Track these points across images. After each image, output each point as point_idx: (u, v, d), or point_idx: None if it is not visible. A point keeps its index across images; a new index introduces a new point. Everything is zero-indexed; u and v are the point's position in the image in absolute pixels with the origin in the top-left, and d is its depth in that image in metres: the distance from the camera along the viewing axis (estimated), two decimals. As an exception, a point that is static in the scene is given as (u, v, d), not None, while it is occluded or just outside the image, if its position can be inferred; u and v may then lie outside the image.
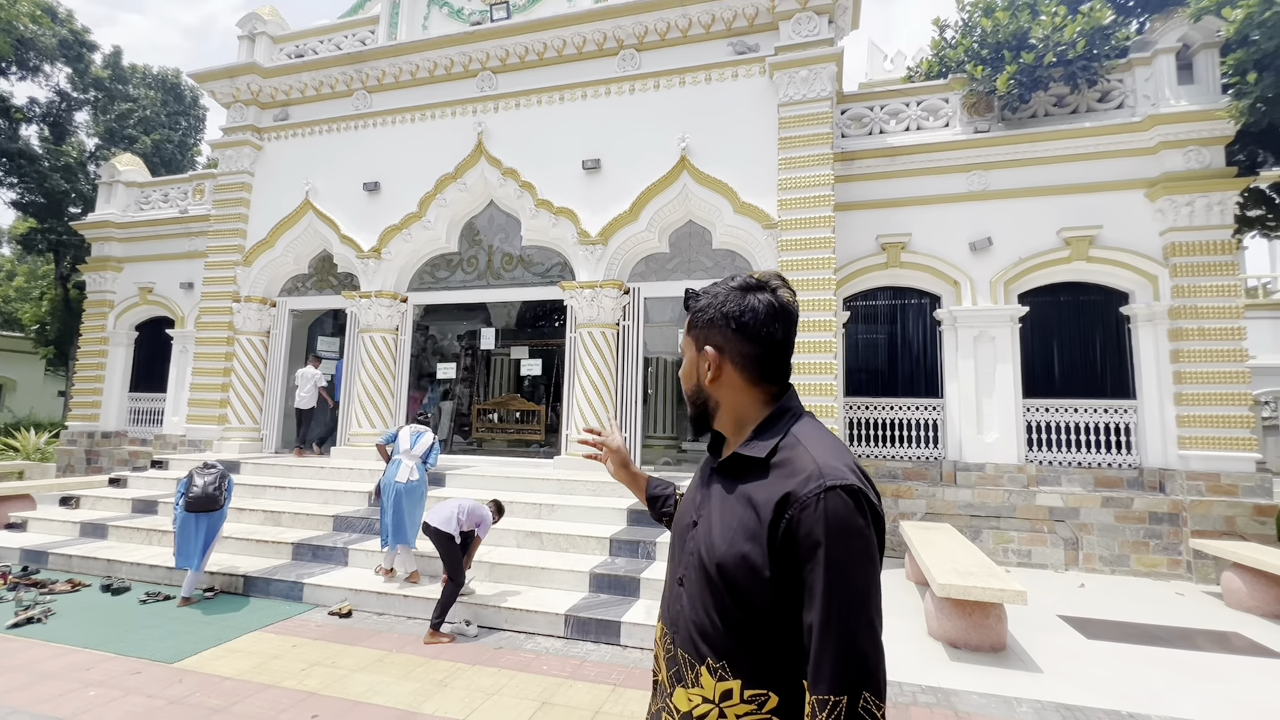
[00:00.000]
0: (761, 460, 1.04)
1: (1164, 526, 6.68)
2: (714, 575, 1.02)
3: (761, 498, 1.00)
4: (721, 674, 1.00)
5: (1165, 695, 3.69)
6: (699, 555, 1.07)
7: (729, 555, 1.00)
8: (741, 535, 1.00)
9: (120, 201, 11.54)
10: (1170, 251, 6.94)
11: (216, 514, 5.12)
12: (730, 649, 1.00)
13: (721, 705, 1.00)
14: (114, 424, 11.18)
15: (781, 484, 0.99)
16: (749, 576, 0.98)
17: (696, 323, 1.16)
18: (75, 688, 3.53)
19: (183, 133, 23.94)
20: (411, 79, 9.02)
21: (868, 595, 0.91)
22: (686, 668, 1.05)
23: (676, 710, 1.06)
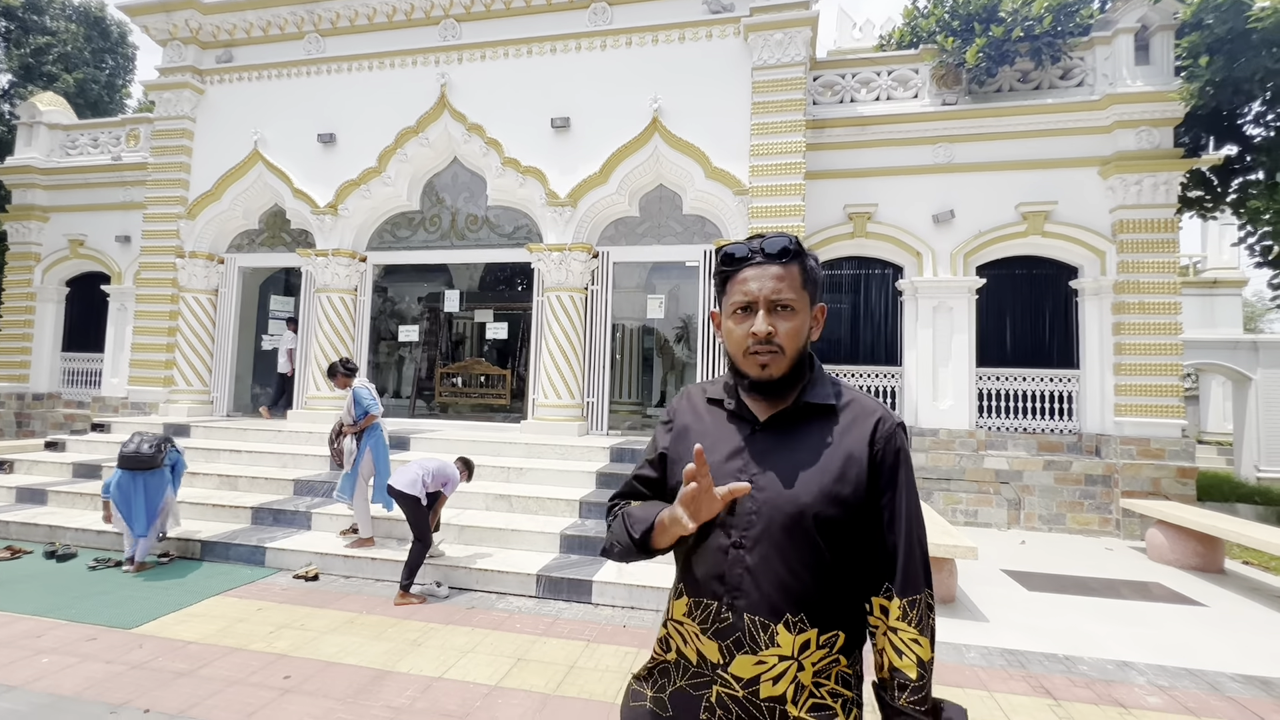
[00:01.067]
0: (832, 406, 1.13)
1: (1098, 488, 7.16)
2: (806, 522, 1.04)
3: (849, 439, 1.09)
4: (800, 626, 1.03)
5: (1097, 639, 4.02)
6: (775, 510, 1.06)
7: (820, 499, 1.05)
8: (830, 477, 1.06)
9: (43, 145, 10.63)
10: (1118, 228, 7.26)
11: (153, 474, 4.87)
12: (811, 598, 1.04)
13: (800, 658, 1.03)
14: (45, 385, 10.53)
15: (859, 424, 1.11)
16: (843, 515, 1.05)
17: (812, 278, 1.16)
18: (26, 655, 3.40)
19: (109, 72, 22.07)
20: (369, 23, 8.50)
21: (922, 511, 1.12)
22: (757, 630, 1.04)
23: (735, 680, 1.05)
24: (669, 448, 1.24)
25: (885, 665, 1.07)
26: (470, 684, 3.20)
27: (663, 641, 1.17)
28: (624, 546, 1.19)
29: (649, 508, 1.17)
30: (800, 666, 1.03)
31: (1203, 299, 16.00)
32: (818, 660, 1.04)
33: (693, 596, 1.12)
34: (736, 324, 1.14)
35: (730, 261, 1.17)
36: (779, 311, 1.12)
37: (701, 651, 1.09)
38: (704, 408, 1.23)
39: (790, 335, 1.11)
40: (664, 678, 1.15)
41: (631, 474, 1.28)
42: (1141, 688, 3.36)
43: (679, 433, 1.23)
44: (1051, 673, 3.51)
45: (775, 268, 1.12)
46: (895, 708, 1.05)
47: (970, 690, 3.26)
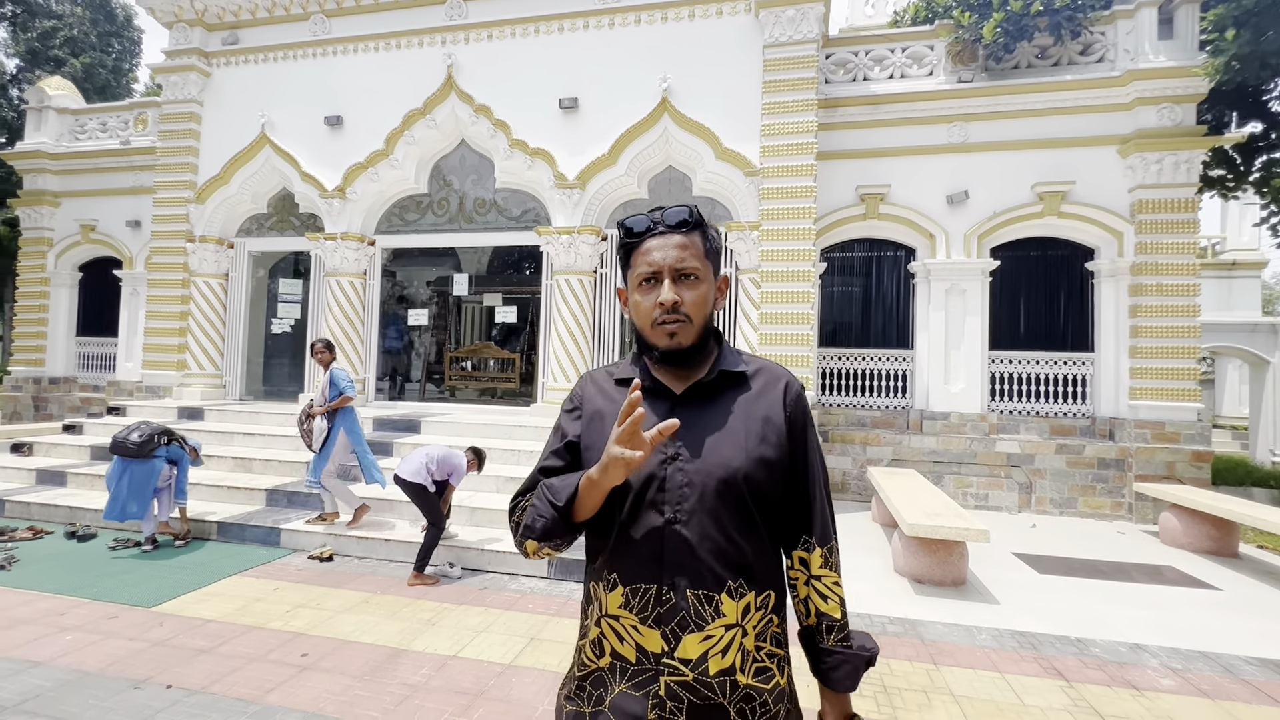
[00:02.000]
0: (744, 374, 1.16)
1: (1110, 471, 7.10)
2: (737, 487, 1.06)
3: (764, 403, 1.14)
4: (740, 591, 1.05)
5: (1109, 621, 4.01)
6: (704, 479, 1.06)
7: (749, 462, 1.07)
8: (756, 440, 1.09)
9: (52, 130, 10.64)
10: (1137, 209, 7.12)
11: (140, 463, 4.88)
12: (747, 561, 1.06)
13: (743, 623, 1.04)
14: (61, 369, 10.66)
15: (772, 388, 1.15)
16: (768, 477, 1.09)
17: (714, 247, 1.17)
18: (51, 632, 3.47)
19: (116, 56, 22.03)
20: (375, 3, 8.39)
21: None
22: (702, 605, 1.03)
23: (684, 663, 1.01)
24: (581, 435, 1.18)
25: (812, 612, 1.13)
26: (485, 662, 3.24)
27: (595, 644, 1.10)
28: (547, 518, 1.09)
29: (568, 476, 1.11)
30: (744, 632, 1.04)
31: (1221, 281, 15.74)
32: (757, 622, 1.07)
33: (628, 585, 1.07)
34: (643, 296, 1.13)
35: (631, 234, 1.16)
36: (684, 280, 1.11)
37: (641, 645, 1.04)
38: (613, 390, 1.19)
39: (696, 303, 1.11)
40: (600, 688, 1.08)
41: (535, 469, 1.21)
42: (1155, 670, 3.35)
43: (591, 418, 1.18)
44: (1064, 655, 3.51)
45: (677, 237, 1.12)
46: (825, 649, 1.12)
47: (981, 671, 3.27)
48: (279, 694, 2.89)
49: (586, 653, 1.12)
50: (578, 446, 1.18)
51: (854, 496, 7.64)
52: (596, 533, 1.14)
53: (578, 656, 1.15)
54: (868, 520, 6.62)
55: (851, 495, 7.65)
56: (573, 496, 1.07)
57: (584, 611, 1.18)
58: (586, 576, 1.18)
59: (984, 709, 2.91)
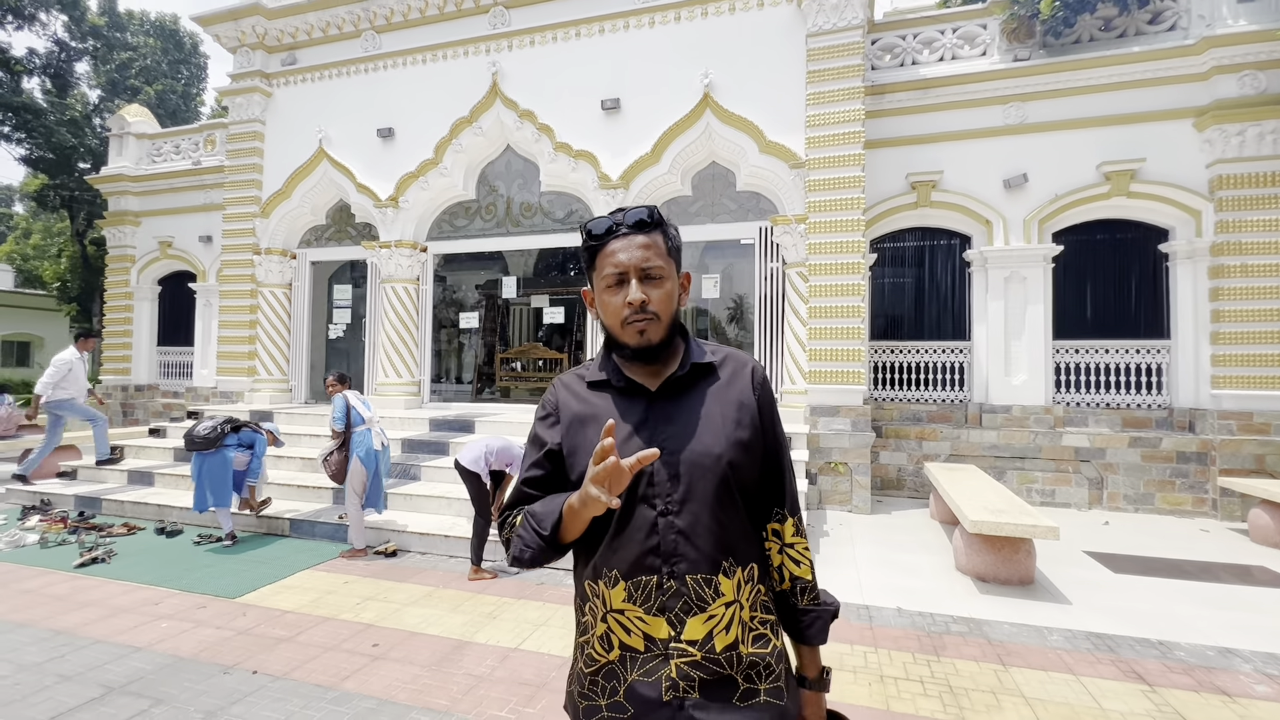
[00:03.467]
0: (713, 365, 1.21)
1: (1191, 465, 6.68)
2: (722, 471, 1.12)
3: (735, 390, 1.20)
4: (731, 569, 1.11)
5: (1193, 624, 3.78)
6: (690, 469, 1.11)
7: (730, 448, 1.13)
8: (733, 426, 1.15)
9: (132, 154, 11.43)
10: (1217, 185, 6.66)
11: (211, 455, 5.23)
12: (735, 540, 1.13)
13: (739, 598, 1.11)
14: (145, 377, 11.44)
15: (739, 375, 1.22)
16: (746, 459, 1.15)
17: (676, 245, 1.22)
18: (148, 620, 3.75)
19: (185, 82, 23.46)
20: (421, 17, 8.67)
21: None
22: (702, 588, 1.09)
23: (691, 646, 1.07)
24: (562, 441, 1.19)
25: (786, 577, 1.22)
26: (545, 655, 3.32)
27: (603, 639, 1.12)
28: (535, 548, 1.12)
29: (550, 501, 1.13)
30: (741, 606, 1.11)
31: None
32: (749, 595, 1.13)
33: (629, 579, 1.10)
34: (611, 296, 1.16)
35: (593, 236, 1.18)
36: (650, 280, 1.15)
37: (648, 634, 1.08)
38: (588, 394, 1.21)
39: (662, 301, 1.16)
40: (612, 680, 1.10)
41: (518, 482, 1.23)
42: (1248, 675, 3.15)
43: (571, 423, 1.19)
44: (1144, 657, 3.33)
45: (640, 237, 1.16)
46: (800, 609, 1.22)
47: (1054, 674, 3.14)
48: (354, 681, 3.04)
49: (594, 648, 1.13)
50: (559, 454, 1.20)
51: (910, 493, 7.43)
52: (586, 541, 1.15)
53: (582, 654, 1.16)
54: (925, 517, 6.44)
55: (908, 492, 7.44)
56: (557, 524, 1.09)
57: (580, 609, 1.20)
58: (578, 577, 1.21)
59: (1058, 712, 2.80)
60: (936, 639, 3.54)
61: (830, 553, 5.16)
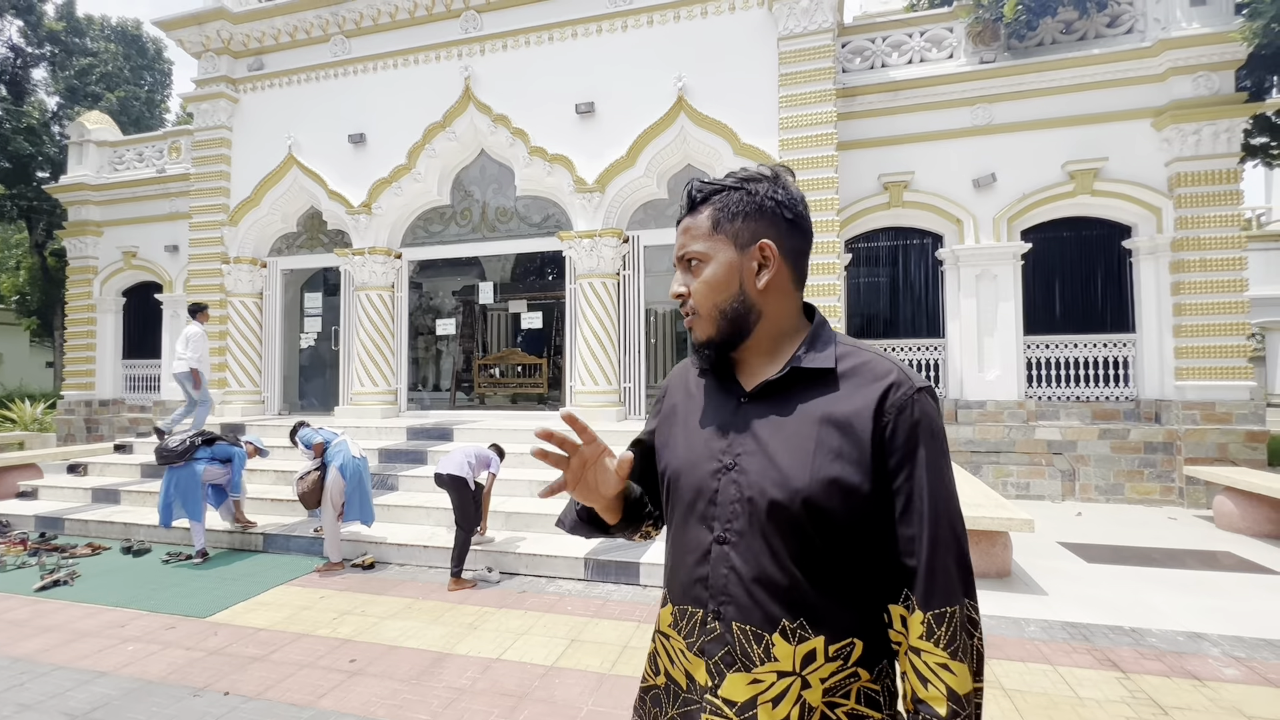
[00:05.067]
0: (829, 371, 0.92)
1: (1158, 455, 6.86)
2: (794, 512, 0.87)
3: (846, 409, 0.89)
4: (801, 634, 0.87)
5: (1164, 610, 3.87)
6: (762, 496, 0.89)
7: (815, 483, 0.87)
8: (827, 457, 0.87)
9: (93, 162, 11.10)
10: (1175, 182, 6.87)
11: (181, 468, 5.13)
12: (812, 600, 0.87)
13: (804, 673, 0.86)
14: (110, 392, 11.10)
15: (867, 390, 0.89)
16: (843, 501, 0.86)
17: (735, 214, 0.95)
18: (113, 644, 3.62)
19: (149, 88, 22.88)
20: (391, 21, 8.57)
21: (957, 497, 0.90)
22: (750, 643, 0.88)
23: (729, 704, 0.88)
24: (656, 430, 1.09)
25: (909, 694, 0.87)
26: (527, 665, 3.28)
27: (652, 659, 1.01)
28: (572, 517, 1.11)
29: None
30: (805, 684, 0.86)
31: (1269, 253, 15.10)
32: (828, 675, 0.86)
33: (676, 604, 0.97)
34: None
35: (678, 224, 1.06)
36: (691, 267, 0.98)
37: (689, 672, 0.93)
38: (694, 381, 1.07)
39: (701, 291, 0.97)
40: (656, 706, 0.98)
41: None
42: (1217, 659, 3.23)
43: (666, 414, 1.08)
44: (1118, 645, 3.40)
45: (686, 220, 1.00)
46: None
47: (1032, 664, 3.19)
48: (331, 699, 2.96)
49: (648, 665, 1.03)
50: (649, 446, 1.09)
51: (889, 490, 7.51)
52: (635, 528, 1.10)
53: (646, 664, 1.05)
54: (905, 513, 6.50)
55: (887, 488, 7.52)
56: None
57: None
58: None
59: (1037, 702, 2.84)
60: (917, 634, 3.57)
61: (812, 551, 5.18)
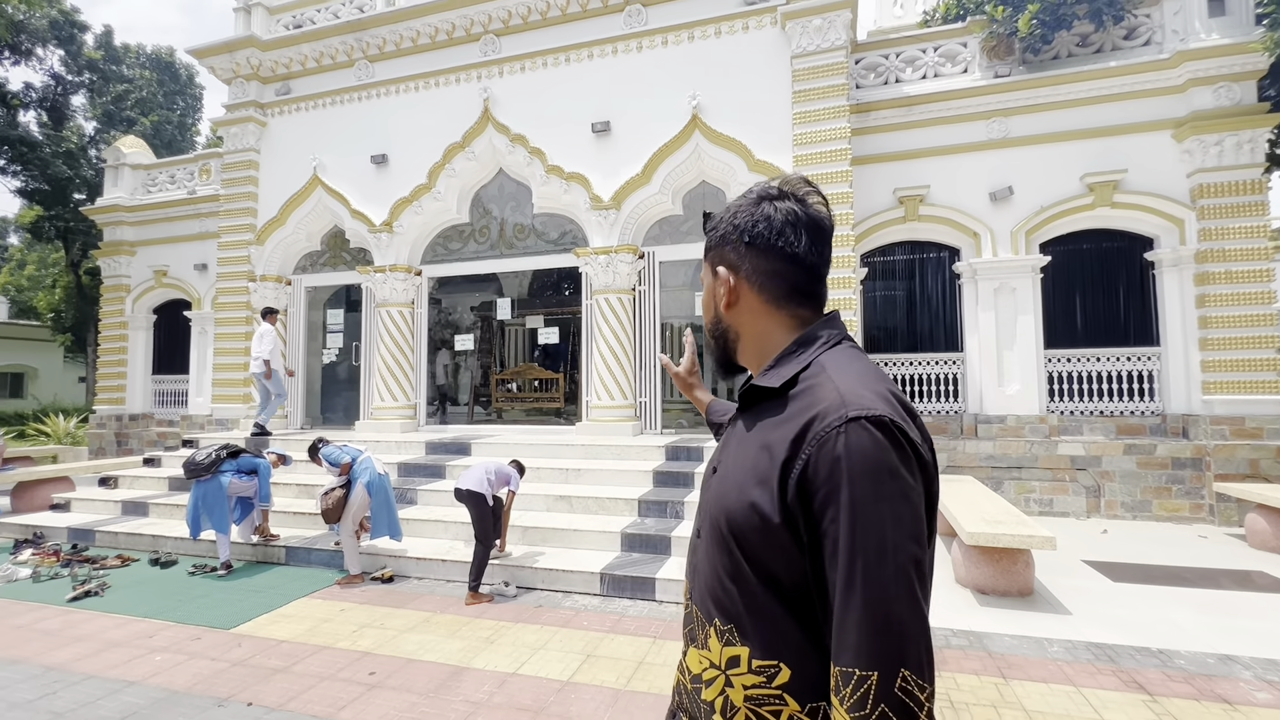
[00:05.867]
0: (777, 391, 0.90)
1: (1186, 472, 6.70)
2: (724, 528, 0.89)
3: (775, 436, 0.86)
4: (729, 638, 0.88)
5: (1192, 631, 3.78)
6: (712, 505, 0.94)
7: (738, 504, 0.87)
8: (752, 479, 0.86)
9: (127, 185, 11.51)
10: (1198, 193, 6.78)
11: (207, 481, 5.28)
12: (736, 613, 0.88)
13: (728, 673, 0.88)
14: (140, 406, 11.40)
15: (798, 418, 0.84)
16: (758, 528, 0.84)
17: (711, 243, 1.04)
18: (142, 654, 3.71)
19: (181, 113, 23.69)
20: (413, 45, 8.82)
21: (903, 548, 0.74)
22: (699, 626, 0.95)
23: (688, 670, 0.97)
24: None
25: None
26: (543, 679, 3.29)
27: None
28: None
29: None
30: (729, 682, 0.88)
31: (1299, 264, 14.71)
32: (750, 685, 0.86)
33: (685, 576, 1.07)
34: None
35: None
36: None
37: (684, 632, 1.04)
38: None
39: (704, 310, 1.07)
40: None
41: None
42: (1248, 683, 3.14)
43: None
44: (1145, 667, 3.32)
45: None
46: None
47: (1055, 685, 3.13)
48: (350, 711, 3.00)
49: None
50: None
51: (909, 505, 7.42)
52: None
53: None
54: (924, 530, 6.42)
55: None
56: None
57: None
58: None
59: (1060, 725, 2.79)
60: (937, 653, 3.53)
61: (829, 568, 5.14)
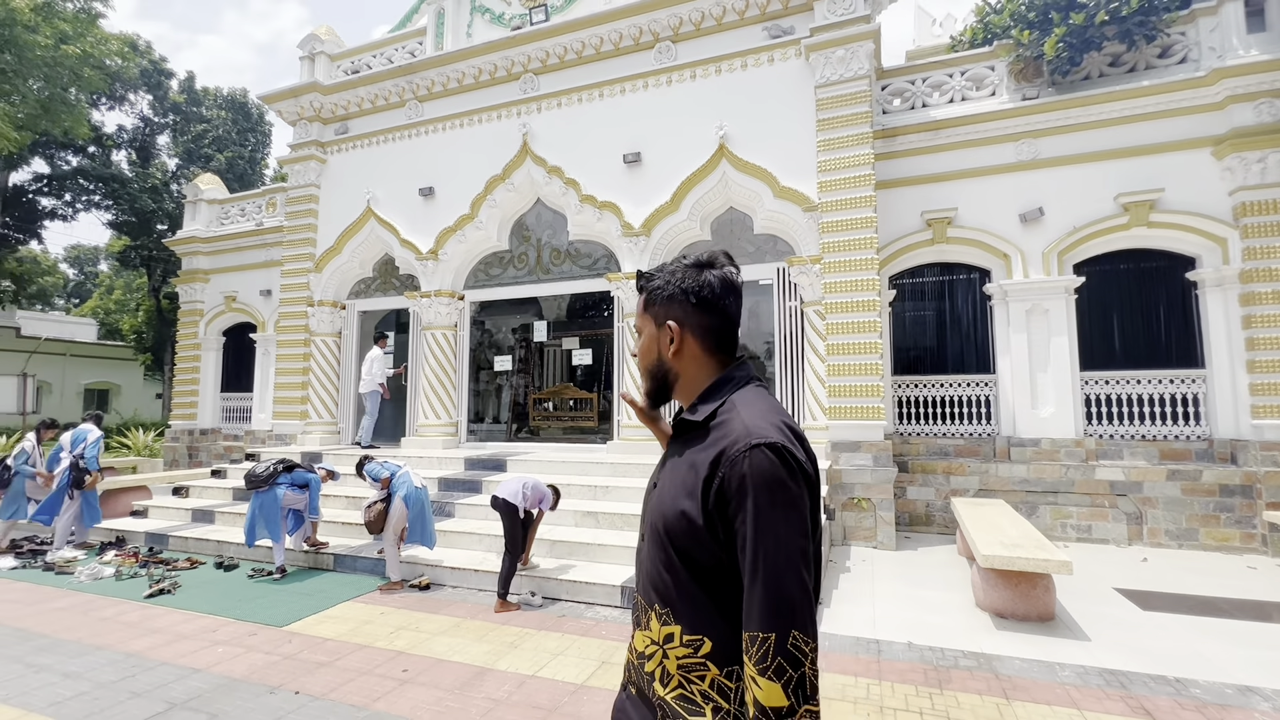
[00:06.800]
0: (701, 424, 1.15)
1: (1236, 499, 6.44)
2: (661, 532, 1.13)
3: (700, 458, 1.11)
4: (665, 619, 1.12)
5: (1216, 661, 3.70)
6: (653, 513, 1.19)
7: (671, 512, 1.12)
8: (682, 493, 1.11)
9: (204, 218, 12.59)
10: (1241, 212, 6.60)
11: (265, 493, 5.75)
12: (671, 598, 1.12)
13: (665, 647, 1.12)
14: (209, 422, 12.30)
15: (716, 445, 1.09)
16: (686, 531, 1.08)
17: (655, 300, 1.25)
18: (206, 645, 4.13)
19: (251, 148, 25.52)
20: (459, 86, 9.45)
21: (792, 541, 1.00)
22: (643, 612, 1.18)
23: (635, 650, 1.21)
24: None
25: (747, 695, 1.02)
26: (560, 682, 3.52)
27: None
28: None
29: None
30: (665, 655, 1.12)
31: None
32: (682, 656, 1.10)
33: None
34: None
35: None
36: (638, 338, 1.30)
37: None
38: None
39: (639, 356, 1.29)
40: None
41: None
42: (1264, 713, 3.09)
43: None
44: (1156, 694, 3.30)
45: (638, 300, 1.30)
46: None
47: (1058, 708, 3.16)
48: (384, 702, 3.30)
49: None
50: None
51: (939, 529, 7.35)
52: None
53: None
54: (952, 554, 6.37)
55: (936, 528, 7.36)
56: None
57: None
58: None
59: (1057, 745, 2.83)
60: (943, 673, 3.59)
61: (848, 588, 5.20)
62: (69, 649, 4.07)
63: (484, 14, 9.59)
